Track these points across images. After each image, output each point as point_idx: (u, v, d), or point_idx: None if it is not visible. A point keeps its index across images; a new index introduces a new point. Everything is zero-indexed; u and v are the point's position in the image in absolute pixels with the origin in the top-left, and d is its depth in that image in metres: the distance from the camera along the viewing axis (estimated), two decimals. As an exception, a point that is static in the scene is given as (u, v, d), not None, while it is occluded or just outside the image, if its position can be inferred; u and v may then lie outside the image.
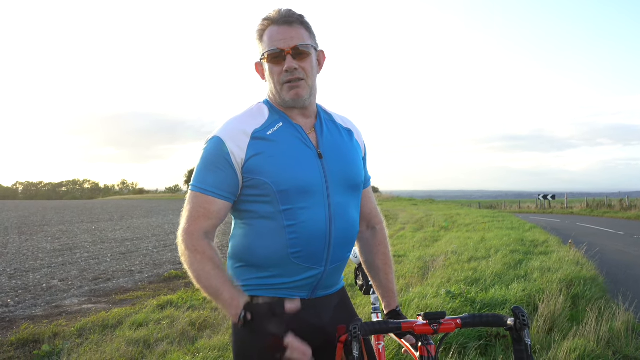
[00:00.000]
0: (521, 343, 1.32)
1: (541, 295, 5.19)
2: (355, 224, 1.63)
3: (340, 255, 1.58)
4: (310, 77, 1.54)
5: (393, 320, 1.39)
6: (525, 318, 1.31)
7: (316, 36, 1.61)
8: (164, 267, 10.07)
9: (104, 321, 5.45)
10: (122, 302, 6.90)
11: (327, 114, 1.69)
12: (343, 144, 1.63)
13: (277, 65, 1.51)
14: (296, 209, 1.48)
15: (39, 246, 13.85)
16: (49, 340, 4.86)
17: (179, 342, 4.67)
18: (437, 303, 4.89)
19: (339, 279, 1.69)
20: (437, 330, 1.35)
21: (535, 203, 42.87)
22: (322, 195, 1.51)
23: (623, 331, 4.39)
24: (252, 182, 1.48)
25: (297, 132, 1.55)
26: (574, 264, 7.49)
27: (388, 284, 1.77)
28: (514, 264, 7.57)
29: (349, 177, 1.59)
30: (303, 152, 1.53)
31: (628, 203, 29.57)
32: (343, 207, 1.56)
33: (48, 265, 10.29)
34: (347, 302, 1.74)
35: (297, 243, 1.48)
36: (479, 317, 1.39)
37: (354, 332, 1.28)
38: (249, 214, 1.53)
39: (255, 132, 1.50)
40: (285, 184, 1.47)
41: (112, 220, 26.26)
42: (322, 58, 1.64)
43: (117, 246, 13.88)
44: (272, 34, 1.51)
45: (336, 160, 1.57)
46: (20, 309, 6.53)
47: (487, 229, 14.49)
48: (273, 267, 1.49)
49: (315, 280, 1.55)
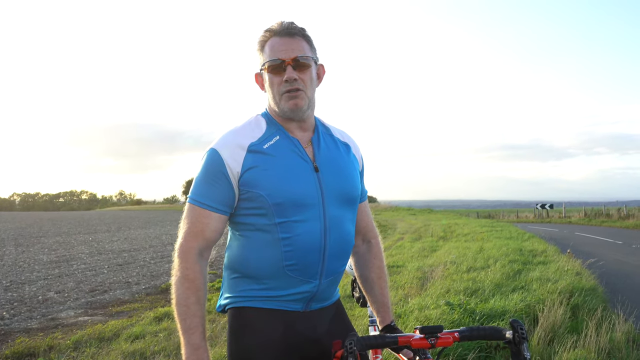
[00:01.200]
0: (520, 357, 1.29)
1: (541, 305, 5.16)
2: (350, 237, 1.63)
3: (335, 268, 1.58)
4: (309, 88, 1.55)
5: (390, 334, 1.37)
6: (523, 331, 1.29)
7: (317, 50, 1.62)
8: (161, 279, 10.01)
9: (100, 334, 5.40)
10: (119, 314, 6.85)
11: (325, 128, 1.70)
12: (340, 158, 1.64)
13: (277, 75, 1.53)
14: (291, 222, 1.48)
15: (36, 258, 13.76)
16: (44, 353, 4.80)
17: (176, 354, 4.62)
18: (436, 314, 4.85)
19: (334, 292, 1.68)
20: (435, 344, 1.33)
21: (534, 212, 42.86)
22: (317, 208, 1.51)
23: (623, 342, 4.36)
24: (248, 195, 1.49)
25: (293, 145, 1.56)
26: (573, 274, 7.46)
27: (383, 299, 1.77)
28: (512, 274, 7.53)
29: (344, 191, 1.60)
30: (299, 166, 1.53)
31: (626, 212, 29.58)
32: (338, 221, 1.56)
33: (44, 277, 10.22)
34: (343, 314, 1.73)
35: (292, 256, 1.48)
36: (477, 330, 1.37)
37: (350, 348, 1.26)
38: (245, 226, 1.54)
39: (252, 146, 1.51)
40: (280, 197, 1.47)
41: (109, 231, 26.15)
42: (321, 72, 1.65)
43: (114, 257, 13.80)
44: (273, 45, 1.53)
45: (332, 174, 1.58)
46: (16, 322, 6.47)
47: (485, 238, 14.47)
48: (268, 279, 1.49)
49: (310, 294, 1.55)
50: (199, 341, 1.40)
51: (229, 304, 1.61)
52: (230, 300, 1.59)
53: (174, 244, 1.51)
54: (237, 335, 1.54)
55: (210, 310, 6.61)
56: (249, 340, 1.50)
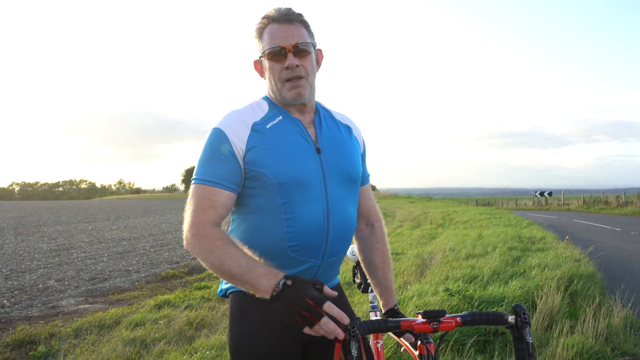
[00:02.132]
0: (522, 341, 1.29)
1: (539, 292, 5.18)
2: (352, 218, 1.62)
3: (338, 249, 1.57)
4: (310, 75, 1.55)
5: (392, 318, 1.37)
6: (526, 316, 1.29)
7: (314, 35, 1.62)
8: (161, 267, 10.04)
9: (100, 321, 5.42)
10: (119, 302, 6.87)
11: (326, 111, 1.71)
12: (341, 140, 1.64)
13: (277, 62, 1.52)
14: (294, 202, 1.48)
15: (35, 246, 13.79)
16: (45, 341, 4.82)
17: (176, 341, 4.64)
18: (435, 301, 4.87)
19: (334, 274, 1.68)
20: (437, 328, 1.33)
21: (532, 200, 42.94)
22: (319, 189, 1.51)
23: (621, 327, 4.39)
24: (251, 174, 1.49)
25: (296, 126, 1.56)
26: (571, 260, 7.49)
27: (386, 282, 1.75)
28: (511, 261, 7.56)
29: (346, 172, 1.59)
30: (301, 146, 1.53)
31: (624, 199, 29.63)
32: (340, 201, 1.56)
33: (44, 266, 10.24)
34: (343, 299, 1.73)
35: (294, 237, 1.48)
36: (479, 315, 1.37)
37: (353, 331, 1.25)
38: (247, 207, 1.54)
39: (255, 125, 1.51)
40: (283, 177, 1.47)
41: (108, 220, 26.18)
42: (320, 57, 1.65)
43: (113, 246, 13.83)
44: (272, 32, 1.52)
45: (334, 155, 1.58)
46: (16, 310, 6.49)
47: (484, 226, 14.50)
48: (270, 259, 1.47)
49: (312, 273, 1.54)
50: (265, 269, 1.32)
51: (230, 288, 1.61)
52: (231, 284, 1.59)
53: (173, 232, 1.48)
54: (238, 319, 1.54)
55: (209, 298, 6.64)
56: (249, 324, 1.50)
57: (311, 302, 1.23)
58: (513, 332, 1.32)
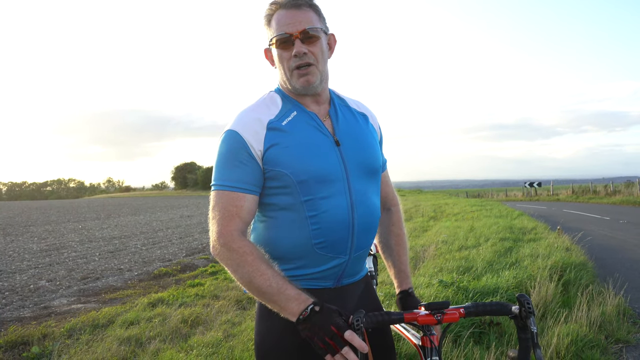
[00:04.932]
0: (526, 331, 1.30)
1: (532, 281, 5.22)
2: (376, 209, 1.59)
3: (365, 242, 1.54)
4: (320, 62, 1.50)
5: (395, 312, 1.37)
6: (530, 306, 1.29)
7: (326, 19, 1.56)
8: (153, 265, 9.98)
9: (94, 321, 5.38)
10: (112, 300, 6.82)
11: (341, 99, 1.66)
12: (359, 130, 1.60)
13: (286, 50, 1.48)
14: (317, 199, 1.44)
15: (25, 247, 13.65)
16: (38, 341, 4.78)
17: (172, 339, 4.62)
18: (430, 293, 4.89)
19: (363, 266, 1.66)
20: (441, 320, 1.33)
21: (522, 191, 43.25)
22: (342, 183, 1.48)
23: (614, 315, 4.44)
24: (271, 174, 1.45)
25: (312, 120, 1.52)
26: (563, 250, 7.55)
27: (400, 265, 1.75)
28: (504, 252, 7.60)
29: (367, 163, 1.55)
30: (320, 141, 1.49)
31: (613, 188, 29.96)
32: (364, 194, 1.52)
33: (35, 266, 10.14)
34: (371, 289, 1.72)
35: (320, 233, 1.45)
36: (483, 306, 1.37)
37: (357, 324, 1.26)
38: (270, 207, 1.51)
39: (271, 123, 1.47)
40: (304, 174, 1.43)
41: (98, 218, 25.98)
42: (332, 42, 1.59)
43: (105, 245, 13.73)
44: (280, 19, 1.47)
45: (354, 147, 1.54)
46: (8, 311, 6.42)
47: (475, 217, 14.58)
48: (297, 258, 1.46)
49: (340, 269, 1.52)
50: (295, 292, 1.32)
51: None
52: None
53: (164, 230, 1.46)
54: (265, 316, 1.53)
55: (203, 295, 6.61)
56: (275, 321, 1.47)
57: (336, 331, 1.24)
58: (517, 321, 1.32)
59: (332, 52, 1.59)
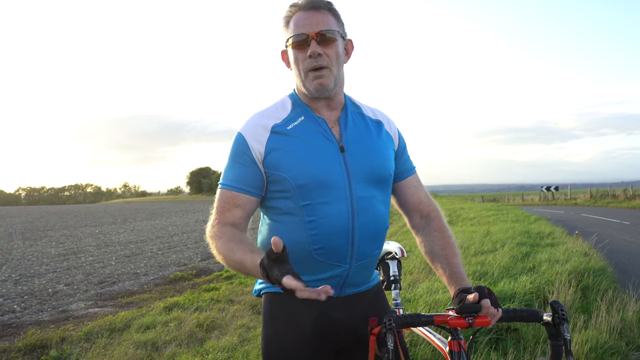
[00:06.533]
0: (559, 338, 1.29)
1: (550, 287, 5.15)
2: (382, 218, 1.55)
3: (367, 251, 1.52)
4: (335, 65, 1.49)
5: (425, 314, 1.36)
6: (564, 312, 1.28)
7: (344, 25, 1.56)
8: (169, 269, 10.05)
9: (110, 325, 5.43)
10: (129, 305, 6.88)
11: (355, 106, 1.64)
12: (368, 137, 1.58)
13: (301, 51, 1.48)
14: (316, 204, 1.45)
15: (44, 251, 13.85)
16: (57, 345, 4.83)
17: (187, 343, 4.64)
18: (446, 298, 4.85)
19: (369, 276, 1.62)
20: (472, 324, 1.30)
21: (539, 195, 42.75)
22: (343, 189, 1.46)
23: (635, 321, 4.35)
24: (273, 178, 1.48)
25: (318, 125, 1.52)
26: (581, 255, 7.44)
27: (451, 268, 1.52)
28: (521, 257, 7.52)
29: (373, 171, 1.53)
30: (323, 146, 1.49)
31: (632, 192, 29.46)
32: (367, 202, 1.50)
33: (53, 270, 10.28)
34: (382, 299, 1.67)
35: (318, 239, 1.45)
36: (514, 312, 1.35)
37: (389, 324, 1.26)
38: (273, 210, 1.53)
39: (275, 127, 1.50)
40: (303, 179, 1.44)
41: (115, 223, 26.27)
42: (349, 47, 1.59)
43: (121, 249, 13.87)
44: (298, 20, 1.48)
45: (359, 154, 1.52)
46: (27, 315, 6.51)
47: (491, 222, 14.45)
48: (297, 263, 1.44)
49: (341, 278, 1.51)
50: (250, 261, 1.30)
51: (264, 288, 1.61)
52: (265, 284, 1.60)
53: (180, 234, 1.50)
54: (270, 319, 1.54)
55: (218, 300, 6.63)
56: (280, 324, 1.48)
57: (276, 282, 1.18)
58: (548, 328, 1.31)
59: (348, 57, 1.58)
